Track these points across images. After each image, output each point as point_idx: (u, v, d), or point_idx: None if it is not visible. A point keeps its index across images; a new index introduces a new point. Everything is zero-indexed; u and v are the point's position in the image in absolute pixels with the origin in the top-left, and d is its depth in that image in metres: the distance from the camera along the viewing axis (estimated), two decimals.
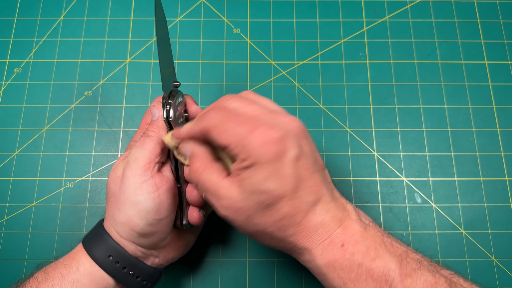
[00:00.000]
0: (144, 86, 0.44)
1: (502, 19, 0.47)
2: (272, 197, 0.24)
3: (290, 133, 0.25)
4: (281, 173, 0.24)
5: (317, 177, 0.26)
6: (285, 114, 0.27)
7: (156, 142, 0.30)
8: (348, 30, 0.46)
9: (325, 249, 0.25)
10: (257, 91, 0.44)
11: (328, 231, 0.25)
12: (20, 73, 0.44)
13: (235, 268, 0.39)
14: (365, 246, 0.25)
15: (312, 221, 0.25)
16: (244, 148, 0.24)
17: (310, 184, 0.25)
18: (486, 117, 0.43)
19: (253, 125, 0.25)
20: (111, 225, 0.30)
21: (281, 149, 0.24)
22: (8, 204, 0.40)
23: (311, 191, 0.25)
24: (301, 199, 0.25)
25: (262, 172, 0.24)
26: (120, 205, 0.29)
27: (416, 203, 0.41)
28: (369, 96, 0.44)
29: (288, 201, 0.25)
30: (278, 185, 0.24)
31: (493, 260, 0.39)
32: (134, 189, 0.29)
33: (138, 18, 0.47)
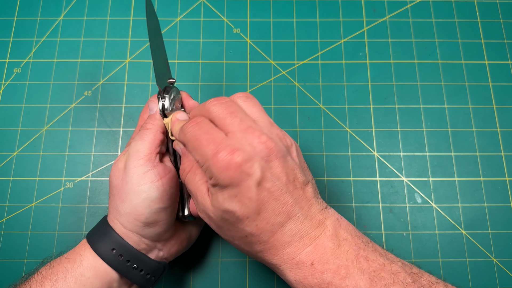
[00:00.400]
0: (144, 86, 0.44)
1: (502, 19, 0.47)
2: (234, 217, 0.25)
3: (256, 155, 0.25)
4: (242, 196, 0.24)
5: (287, 198, 0.25)
6: (259, 132, 0.26)
7: (155, 133, 0.31)
8: (348, 30, 0.46)
9: (294, 267, 0.25)
10: (257, 91, 0.44)
11: (297, 250, 0.25)
12: (20, 73, 0.44)
13: (235, 268, 0.39)
14: (336, 265, 0.25)
15: (280, 241, 0.25)
16: (208, 169, 0.25)
17: (277, 206, 0.25)
18: (486, 117, 0.43)
19: (217, 147, 0.25)
20: (114, 218, 0.30)
21: (240, 174, 0.24)
22: (8, 204, 0.40)
23: (278, 212, 0.25)
24: (265, 221, 0.25)
25: (225, 193, 0.25)
26: (124, 196, 0.29)
27: (416, 203, 0.41)
28: (369, 96, 0.44)
29: (251, 222, 0.25)
30: (240, 207, 0.25)
31: (493, 260, 0.39)
32: (137, 179, 0.29)
33: (138, 18, 0.47)
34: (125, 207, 0.29)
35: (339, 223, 0.27)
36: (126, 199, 0.29)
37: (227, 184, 0.24)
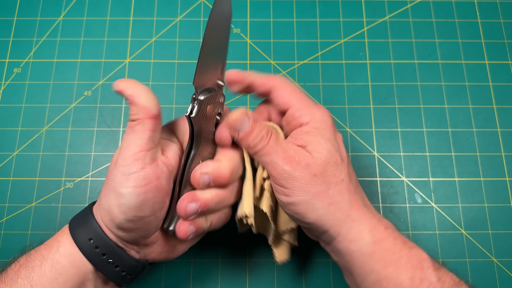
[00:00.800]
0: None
1: (502, 19, 0.47)
2: (335, 159, 0.28)
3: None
4: (339, 142, 0.30)
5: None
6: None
7: (146, 126, 0.27)
8: (348, 30, 0.46)
9: (374, 227, 0.26)
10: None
11: (373, 210, 0.28)
12: (20, 73, 0.44)
13: (235, 268, 0.39)
14: (402, 235, 0.27)
15: (360, 196, 0.28)
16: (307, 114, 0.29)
17: (352, 167, 0.30)
18: (487, 117, 0.43)
19: (311, 102, 0.31)
20: (97, 208, 0.28)
21: (335, 126, 0.31)
22: (8, 204, 0.40)
23: (354, 172, 0.30)
24: (352, 171, 0.29)
25: (326, 136, 0.28)
26: (106, 191, 0.27)
27: (416, 203, 0.41)
28: (369, 96, 0.44)
29: (345, 167, 0.28)
30: (339, 151, 0.29)
31: (494, 260, 0.39)
32: (120, 179, 0.26)
33: (138, 18, 0.47)
34: (104, 203, 0.27)
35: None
36: (107, 196, 0.27)
37: (329, 128, 0.29)
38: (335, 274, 0.38)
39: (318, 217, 0.27)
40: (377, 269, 0.25)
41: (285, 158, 0.27)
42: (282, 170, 0.27)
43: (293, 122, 0.29)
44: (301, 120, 0.29)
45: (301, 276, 0.38)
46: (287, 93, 0.30)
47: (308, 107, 0.29)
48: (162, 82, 0.44)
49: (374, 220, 0.27)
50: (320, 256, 0.39)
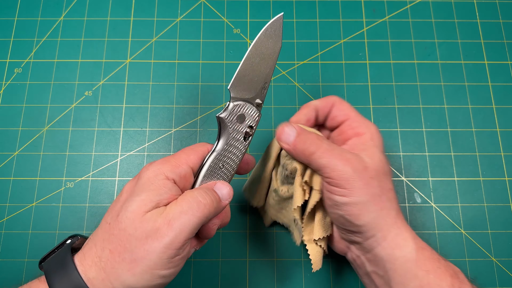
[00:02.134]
0: (144, 86, 0.44)
1: (502, 19, 0.47)
2: (386, 169, 0.30)
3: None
4: (386, 156, 0.31)
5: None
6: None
7: (216, 207, 0.27)
8: (348, 30, 0.46)
9: (416, 236, 0.29)
10: None
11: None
12: (20, 73, 0.44)
13: (235, 268, 0.39)
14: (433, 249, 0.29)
15: (399, 207, 0.30)
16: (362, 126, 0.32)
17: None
18: (486, 117, 0.43)
19: (363, 117, 0.33)
20: (108, 281, 0.25)
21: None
22: (8, 204, 0.40)
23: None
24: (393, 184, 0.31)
25: (379, 147, 0.31)
26: (137, 270, 0.24)
27: (416, 203, 0.41)
28: (369, 96, 0.44)
29: (390, 177, 0.30)
30: (386, 163, 0.30)
31: (493, 260, 0.39)
32: (163, 262, 0.25)
33: (138, 18, 0.47)
34: (133, 281, 0.25)
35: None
36: (139, 276, 0.24)
37: (380, 141, 0.31)
38: (335, 274, 0.38)
39: (371, 219, 0.28)
40: (420, 276, 0.27)
41: (344, 160, 0.28)
42: (341, 171, 0.28)
43: (349, 132, 0.32)
44: (358, 130, 0.31)
45: (301, 276, 0.38)
46: (347, 106, 0.33)
47: (365, 121, 0.32)
48: (162, 82, 0.44)
49: (412, 231, 0.29)
50: None
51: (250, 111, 0.31)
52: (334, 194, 0.29)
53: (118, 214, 0.26)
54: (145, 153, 0.42)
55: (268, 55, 0.31)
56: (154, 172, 0.27)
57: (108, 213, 0.27)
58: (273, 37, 0.31)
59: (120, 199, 0.27)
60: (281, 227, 0.40)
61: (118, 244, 0.25)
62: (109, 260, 0.25)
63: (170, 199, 0.27)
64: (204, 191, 0.28)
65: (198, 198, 0.27)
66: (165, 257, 0.25)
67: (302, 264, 0.39)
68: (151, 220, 0.25)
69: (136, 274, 0.24)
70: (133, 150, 0.42)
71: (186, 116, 0.43)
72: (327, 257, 0.39)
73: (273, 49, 0.31)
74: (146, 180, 0.27)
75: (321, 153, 0.29)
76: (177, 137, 0.42)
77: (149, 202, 0.26)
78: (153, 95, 0.44)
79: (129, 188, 0.28)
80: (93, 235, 0.27)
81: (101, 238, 0.26)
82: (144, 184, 0.26)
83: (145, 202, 0.26)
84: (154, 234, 0.25)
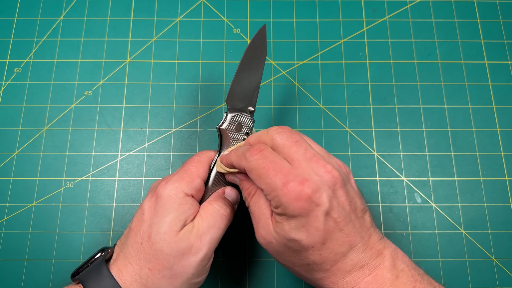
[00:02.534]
0: (144, 86, 0.44)
1: (502, 19, 0.47)
2: (299, 245, 0.25)
3: (324, 185, 0.25)
4: (310, 226, 0.25)
5: (350, 228, 0.26)
6: (324, 162, 0.26)
7: (229, 219, 0.31)
8: (348, 30, 0.46)
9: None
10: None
11: (357, 279, 0.26)
12: (20, 73, 0.44)
13: (235, 268, 0.39)
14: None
15: (341, 270, 0.26)
16: (276, 198, 0.25)
17: (341, 236, 0.25)
18: (486, 117, 0.43)
19: (287, 177, 0.25)
20: (138, 277, 0.28)
21: (310, 205, 0.24)
22: (8, 204, 0.40)
23: (342, 242, 0.26)
24: (329, 250, 0.25)
25: (292, 222, 0.25)
26: (177, 283, 0.28)
27: (416, 203, 0.41)
28: (369, 96, 0.44)
29: (315, 251, 0.25)
30: (306, 236, 0.25)
31: (493, 260, 0.39)
32: (201, 271, 0.29)
33: (138, 18, 0.47)
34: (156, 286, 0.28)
35: (396, 254, 0.27)
36: (177, 286, 0.28)
37: (296, 214, 0.25)
38: None
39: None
40: None
41: (255, 225, 0.29)
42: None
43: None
44: (274, 204, 0.26)
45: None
46: (254, 178, 0.27)
47: (277, 190, 0.25)
48: (162, 82, 0.44)
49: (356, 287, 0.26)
50: None
51: (245, 120, 0.33)
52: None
53: (149, 235, 0.28)
54: (145, 153, 0.42)
55: (256, 65, 0.34)
56: (174, 190, 0.29)
57: (136, 233, 0.29)
58: (259, 48, 0.34)
59: (144, 219, 0.29)
60: None
61: (156, 263, 0.27)
62: (149, 277, 0.28)
63: (194, 214, 0.29)
64: (222, 202, 0.31)
65: (221, 212, 0.30)
66: (200, 268, 0.28)
67: None
68: (185, 239, 0.28)
69: (177, 286, 0.28)
70: (133, 150, 0.42)
71: (186, 116, 0.43)
72: None
73: (260, 59, 0.34)
74: (168, 199, 0.29)
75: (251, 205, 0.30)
76: (177, 137, 0.42)
77: (178, 222, 0.28)
78: (153, 95, 0.44)
79: (150, 207, 0.29)
80: (125, 253, 0.29)
81: (136, 257, 0.28)
82: (167, 204, 0.29)
83: (175, 222, 0.28)
84: (189, 250, 0.28)
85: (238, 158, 0.28)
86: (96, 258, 0.29)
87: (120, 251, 0.29)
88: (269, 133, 0.28)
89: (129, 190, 0.41)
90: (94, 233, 0.39)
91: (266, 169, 0.26)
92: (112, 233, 0.39)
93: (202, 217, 0.29)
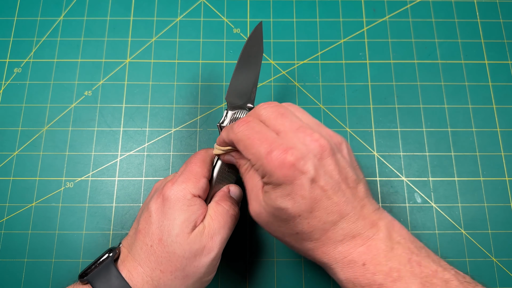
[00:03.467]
0: (144, 86, 0.44)
1: (502, 19, 0.47)
2: (286, 214, 0.25)
3: (309, 153, 0.25)
4: (295, 194, 0.25)
5: (340, 197, 0.25)
6: (311, 131, 0.26)
7: (237, 217, 0.32)
8: (348, 30, 0.46)
9: (345, 267, 0.25)
10: (257, 91, 0.44)
11: (349, 249, 0.25)
12: (20, 73, 0.44)
13: (235, 268, 0.39)
14: (388, 267, 0.24)
15: (332, 239, 0.26)
16: (262, 167, 0.25)
17: (329, 204, 0.25)
18: (486, 117, 0.43)
19: (271, 146, 0.25)
20: (150, 278, 0.28)
21: (294, 173, 0.24)
22: (8, 204, 0.40)
23: (331, 211, 0.25)
24: (317, 219, 0.25)
25: (278, 191, 0.25)
26: (189, 282, 0.28)
27: (416, 203, 0.41)
28: (369, 96, 0.44)
29: (303, 220, 0.25)
30: (292, 205, 0.25)
31: (493, 260, 0.39)
32: (209, 270, 0.29)
33: (138, 18, 0.47)
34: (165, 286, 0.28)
35: (392, 226, 0.27)
36: (189, 285, 0.28)
37: (280, 182, 0.25)
38: None
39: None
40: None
41: (248, 199, 0.29)
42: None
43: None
44: (260, 174, 0.26)
45: (301, 276, 0.38)
46: (242, 149, 0.27)
47: (262, 159, 0.25)
48: (162, 82, 0.44)
49: (348, 259, 0.26)
50: None
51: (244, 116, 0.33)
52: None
53: (160, 238, 0.28)
54: (145, 153, 0.42)
55: (253, 63, 0.34)
56: (182, 192, 0.29)
57: (145, 235, 0.29)
58: (256, 45, 0.34)
59: (151, 221, 0.29)
60: None
61: (168, 265, 0.28)
62: (161, 279, 0.28)
63: (203, 215, 0.29)
64: (230, 202, 0.31)
65: (230, 212, 0.30)
66: (211, 267, 0.29)
67: (302, 264, 0.39)
68: (197, 240, 0.28)
69: (189, 286, 0.28)
70: (133, 150, 0.42)
71: (186, 116, 0.43)
72: None
73: (257, 56, 0.34)
74: (176, 201, 0.29)
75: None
76: (177, 137, 0.42)
77: (189, 223, 0.28)
78: (153, 95, 0.44)
79: (157, 209, 0.29)
80: (134, 255, 0.29)
81: (146, 259, 0.28)
82: (176, 205, 0.29)
83: (186, 224, 0.28)
84: (202, 252, 0.28)
85: (227, 132, 0.29)
86: (105, 259, 0.29)
87: (128, 253, 0.29)
88: (255, 109, 0.29)
89: (129, 190, 0.41)
90: (94, 233, 0.39)
91: (251, 139, 0.26)
92: (112, 233, 0.39)
93: (212, 217, 0.30)
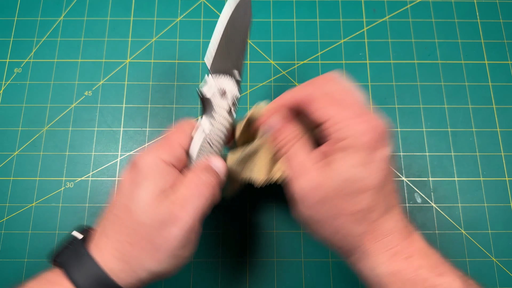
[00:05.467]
0: (144, 86, 0.44)
1: (502, 19, 0.47)
2: (356, 186, 0.24)
3: (388, 131, 0.24)
4: (374, 165, 0.23)
5: (394, 184, 0.25)
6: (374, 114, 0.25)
7: (215, 188, 0.27)
8: (348, 30, 0.46)
9: (391, 258, 0.24)
10: (257, 91, 0.44)
11: (397, 239, 0.25)
12: (20, 73, 0.44)
13: (235, 268, 0.39)
14: (433, 261, 0.24)
15: (385, 225, 0.25)
16: (344, 129, 0.24)
17: (391, 188, 0.25)
18: (486, 117, 0.43)
19: (357, 111, 0.24)
20: (131, 270, 0.25)
21: (381, 142, 0.23)
22: (8, 204, 0.40)
23: (393, 195, 0.25)
24: (384, 197, 0.24)
25: (356, 158, 0.23)
26: (161, 257, 0.25)
27: (416, 203, 0.41)
28: (369, 96, 0.44)
29: (372, 195, 0.24)
30: (368, 175, 0.23)
31: (493, 260, 0.39)
32: (186, 243, 0.25)
33: (138, 18, 0.47)
34: (157, 267, 0.25)
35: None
36: (162, 261, 0.25)
37: (364, 147, 0.23)
38: (335, 274, 0.38)
39: (325, 238, 0.26)
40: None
41: (295, 173, 0.26)
42: (290, 185, 0.26)
43: (330, 136, 0.25)
44: (339, 135, 0.24)
45: (301, 276, 0.38)
46: (327, 103, 0.25)
47: (348, 120, 0.24)
48: (162, 82, 0.44)
49: (394, 250, 0.25)
50: (320, 256, 0.39)
51: (229, 85, 0.30)
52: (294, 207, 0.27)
53: (128, 206, 0.26)
54: None
55: (239, 26, 0.30)
56: (153, 159, 0.26)
57: (113, 206, 0.27)
58: (242, 7, 0.30)
59: (122, 191, 0.27)
60: (281, 227, 0.40)
61: (135, 235, 0.25)
62: (129, 252, 0.25)
63: (175, 184, 0.26)
64: (207, 171, 0.28)
65: (203, 179, 0.27)
66: (184, 240, 0.25)
67: (302, 264, 0.39)
68: (164, 207, 0.25)
69: (161, 260, 0.25)
70: (133, 150, 0.42)
71: (186, 116, 0.43)
72: (328, 257, 0.39)
73: (244, 19, 0.31)
74: (146, 168, 0.26)
75: (285, 156, 0.28)
76: None
77: (157, 190, 0.26)
78: (153, 95, 0.44)
79: (128, 179, 0.27)
80: (101, 227, 0.27)
81: (112, 231, 0.26)
82: (147, 173, 0.26)
83: (154, 190, 0.25)
84: (170, 220, 0.25)
85: (300, 90, 0.27)
86: (76, 240, 0.27)
87: (98, 228, 0.27)
88: (318, 80, 0.27)
89: None
90: None
91: (333, 100, 0.25)
92: None
93: (184, 185, 0.26)
